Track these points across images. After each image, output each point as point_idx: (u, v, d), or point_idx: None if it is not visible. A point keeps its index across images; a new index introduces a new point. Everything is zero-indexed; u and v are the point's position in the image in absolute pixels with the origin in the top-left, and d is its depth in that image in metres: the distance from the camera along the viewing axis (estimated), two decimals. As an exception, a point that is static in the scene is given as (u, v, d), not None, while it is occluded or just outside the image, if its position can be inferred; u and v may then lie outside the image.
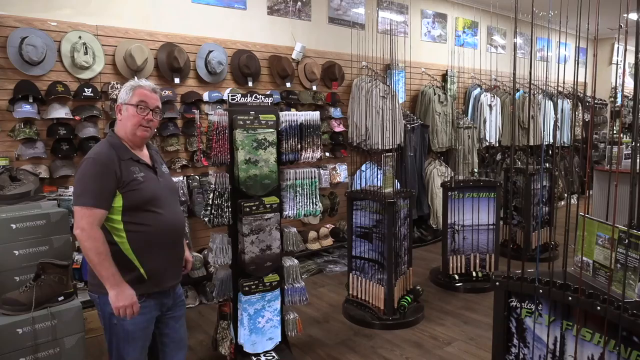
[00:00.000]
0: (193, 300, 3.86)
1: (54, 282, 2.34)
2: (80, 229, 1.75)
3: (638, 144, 1.88)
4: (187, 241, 2.24)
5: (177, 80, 4.02)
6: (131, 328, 1.88)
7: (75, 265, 3.25)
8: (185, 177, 4.02)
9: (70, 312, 2.35)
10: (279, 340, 2.88)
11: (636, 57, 1.91)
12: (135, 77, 3.77)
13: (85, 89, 3.52)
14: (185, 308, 2.23)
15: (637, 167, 1.81)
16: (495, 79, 6.91)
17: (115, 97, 3.61)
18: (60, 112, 3.38)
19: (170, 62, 3.92)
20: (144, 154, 2.00)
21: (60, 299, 2.36)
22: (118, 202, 1.82)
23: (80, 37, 3.51)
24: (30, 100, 3.29)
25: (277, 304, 2.85)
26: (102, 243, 1.77)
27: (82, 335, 2.41)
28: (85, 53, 3.50)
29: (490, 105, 6.49)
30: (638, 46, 1.92)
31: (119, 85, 3.64)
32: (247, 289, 2.70)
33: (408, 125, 5.52)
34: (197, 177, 4.09)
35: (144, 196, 1.86)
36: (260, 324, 2.81)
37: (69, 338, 2.35)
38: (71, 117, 3.43)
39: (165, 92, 3.88)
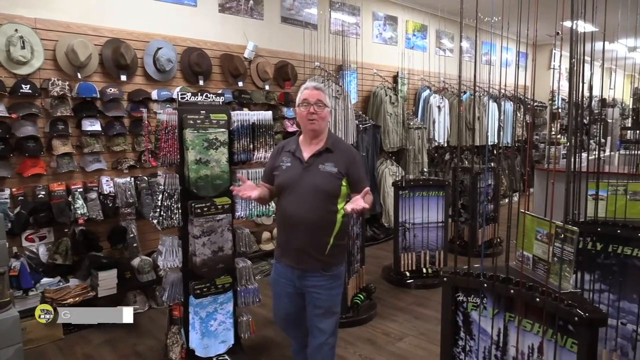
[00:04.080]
0: (142, 305, 3.74)
1: (-13, 291, 2.20)
2: None
3: (572, 144, 2.00)
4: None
5: (123, 78, 3.87)
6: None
7: (12, 273, 3.05)
8: (132, 178, 3.87)
9: (6, 323, 2.22)
10: (232, 342, 2.85)
11: (570, 62, 2.04)
12: (78, 74, 3.60)
13: (23, 86, 3.32)
14: (322, 293, 2.21)
15: (572, 166, 1.92)
16: (444, 81, 7.13)
17: (56, 94, 3.43)
18: (-5, 109, 3.18)
19: (116, 59, 3.77)
20: (311, 149, 2.18)
21: (-5, 308, 2.23)
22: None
23: (16, 30, 3.30)
24: (-40, 97, 3.08)
25: (230, 306, 2.81)
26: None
27: (20, 347, 2.28)
28: (23, 47, 3.31)
29: (439, 107, 6.70)
30: (572, 52, 2.04)
31: (60, 82, 3.46)
32: (198, 291, 2.65)
33: (360, 125, 5.58)
34: (145, 177, 3.95)
35: (279, 182, 2.21)
36: (213, 327, 2.76)
37: (6, 350, 2.22)
38: (7, 114, 3.23)
39: (110, 90, 3.72)
